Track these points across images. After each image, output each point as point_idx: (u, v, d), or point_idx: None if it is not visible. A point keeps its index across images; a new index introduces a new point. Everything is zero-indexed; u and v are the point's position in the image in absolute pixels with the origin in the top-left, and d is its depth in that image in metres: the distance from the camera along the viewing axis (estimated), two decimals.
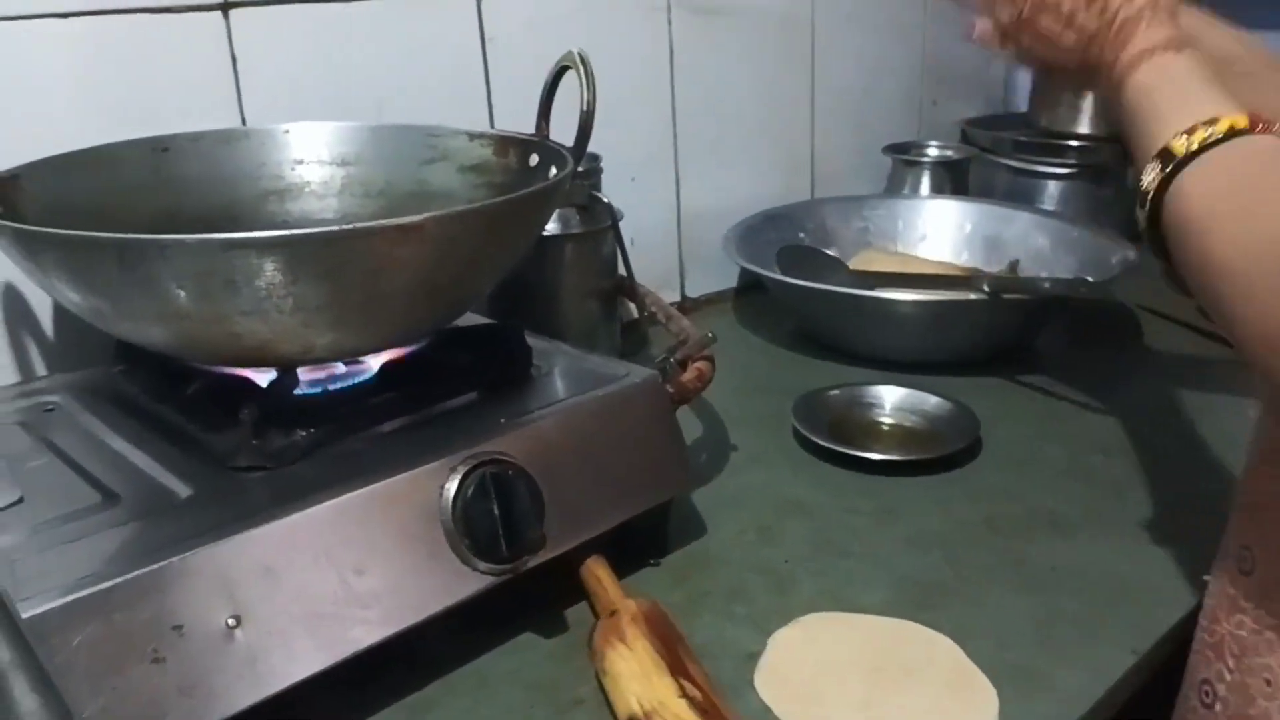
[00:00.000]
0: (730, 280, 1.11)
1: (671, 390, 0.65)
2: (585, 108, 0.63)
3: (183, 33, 0.71)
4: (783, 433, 0.79)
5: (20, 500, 0.50)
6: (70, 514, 0.49)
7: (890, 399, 0.82)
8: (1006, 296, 0.86)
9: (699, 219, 1.07)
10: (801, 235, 1.09)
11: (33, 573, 0.44)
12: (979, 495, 0.71)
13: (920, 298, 0.87)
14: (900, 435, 0.79)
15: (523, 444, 0.56)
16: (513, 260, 0.60)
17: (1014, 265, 1.02)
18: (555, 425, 0.58)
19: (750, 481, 0.73)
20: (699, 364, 0.69)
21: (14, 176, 0.60)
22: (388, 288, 0.52)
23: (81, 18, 0.67)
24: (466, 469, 0.53)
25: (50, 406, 0.62)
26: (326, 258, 0.49)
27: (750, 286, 1.10)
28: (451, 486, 0.53)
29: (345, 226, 0.48)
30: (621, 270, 0.86)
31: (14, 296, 0.67)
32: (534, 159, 0.69)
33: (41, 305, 0.69)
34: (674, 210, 1.06)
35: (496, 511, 0.52)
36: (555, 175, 0.64)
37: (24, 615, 0.41)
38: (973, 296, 0.86)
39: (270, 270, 0.48)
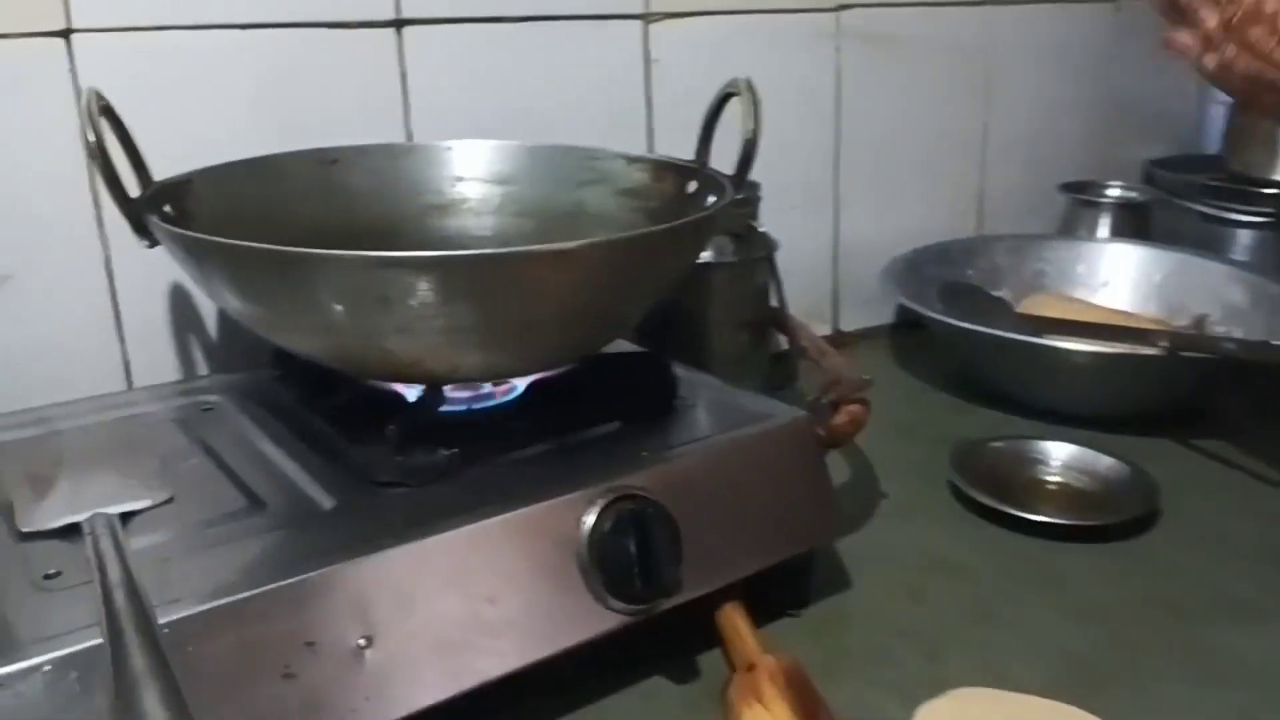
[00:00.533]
0: (887, 316, 1.07)
1: (822, 433, 0.62)
2: (748, 137, 0.61)
3: (356, 48, 0.73)
4: (937, 484, 0.75)
5: (171, 500, 0.51)
6: (216, 518, 0.50)
7: (1058, 456, 0.76)
8: (1186, 355, 0.79)
9: (857, 251, 1.03)
10: (970, 273, 1.03)
11: (177, 576, 0.45)
12: (1154, 570, 0.65)
13: (1090, 348, 0.81)
14: (1068, 497, 0.74)
15: (664, 480, 0.54)
16: (666, 289, 0.58)
17: (1201, 320, 0.94)
18: (698, 463, 0.56)
19: (900, 535, 0.69)
20: (852, 407, 0.66)
21: (186, 181, 0.62)
22: (539, 313, 0.51)
23: (260, 30, 0.69)
24: (605, 503, 0.51)
25: (208, 406, 0.63)
26: (480, 280, 0.48)
27: (908, 323, 1.05)
28: (589, 520, 0.51)
29: (500, 250, 0.47)
30: (774, 301, 0.84)
31: (181, 297, 0.70)
32: (692, 186, 0.67)
33: (207, 307, 0.71)
34: (831, 241, 1.02)
35: (633, 549, 0.50)
36: (713, 204, 0.62)
37: (165, 619, 0.41)
38: (1150, 352, 0.79)
39: (424, 289, 0.47)
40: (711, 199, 0.63)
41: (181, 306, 0.70)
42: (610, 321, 0.57)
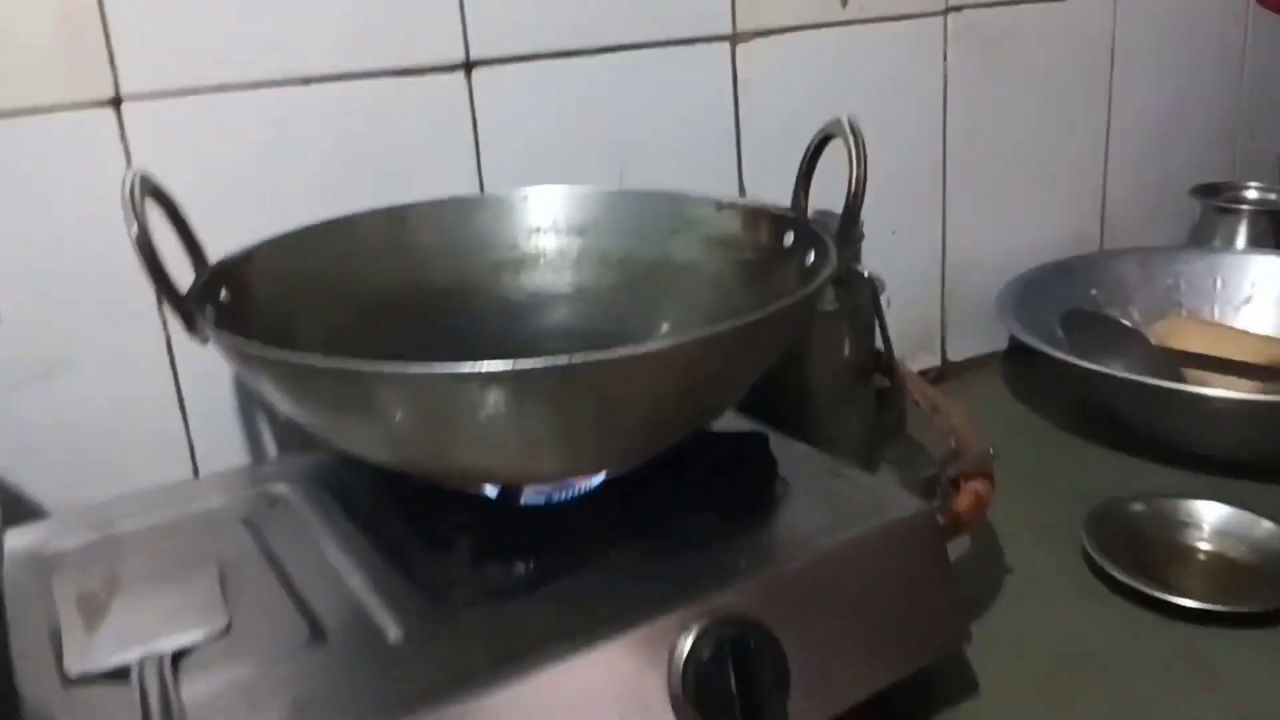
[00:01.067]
0: (1001, 342, 0.99)
1: (944, 521, 0.55)
2: (853, 188, 0.54)
3: (426, 95, 0.68)
4: (1069, 551, 0.67)
5: (228, 628, 0.47)
6: (274, 655, 0.46)
7: (1209, 518, 0.68)
8: None
9: (967, 272, 0.95)
10: (1094, 292, 0.95)
11: None
12: None
13: (1242, 396, 0.72)
14: (1222, 569, 0.65)
15: (767, 598, 0.48)
16: (764, 369, 0.52)
17: None
18: (805, 573, 0.50)
19: (1031, 619, 0.62)
20: (976, 484, 0.59)
21: (246, 257, 0.58)
22: (623, 415, 0.45)
23: (322, 84, 0.65)
24: (701, 628, 0.46)
25: (274, 500, 0.59)
26: (556, 390, 0.43)
27: (1026, 349, 0.97)
28: (684, 647, 0.45)
29: (578, 359, 0.41)
30: (879, 344, 0.76)
31: None
32: (789, 238, 0.60)
33: None
34: (938, 263, 0.94)
35: (734, 686, 0.45)
36: (815, 267, 0.55)
37: None
38: None
39: (494, 402, 0.42)
40: (812, 256, 0.57)
41: (245, 386, 0.66)
42: (705, 412, 0.51)
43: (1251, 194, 1.04)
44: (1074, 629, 0.61)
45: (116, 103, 0.59)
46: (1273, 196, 1.03)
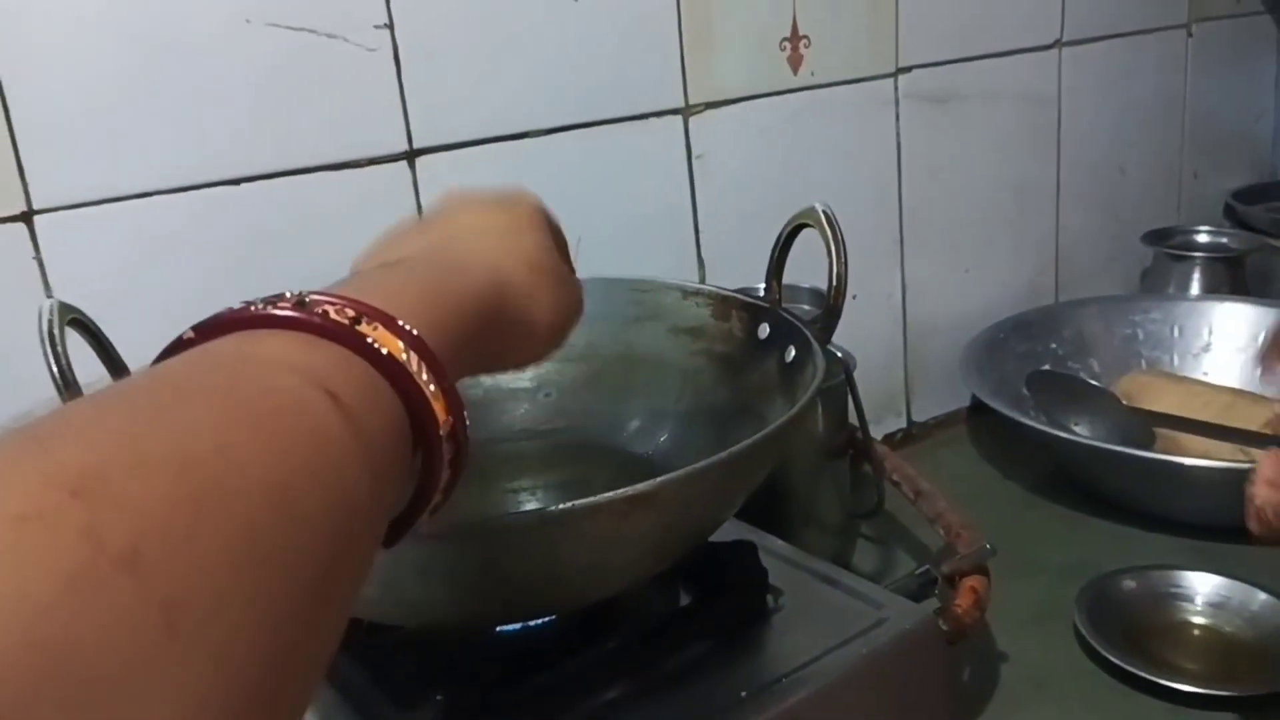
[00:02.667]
0: (964, 399, 0.97)
1: (945, 628, 0.52)
2: (835, 283, 0.52)
3: (365, 188, 0.64)
4: (1064, 636, 0.64)
5: None
6: None
7: (1203, 591, 0.66)
8: None
9: (929, 332, 0.93)
10: (1054, 346, 0.93)
11: None
12: None
13: (1219, 464, 0.70)
14: (1219, 646, 0.63)
15: None
16: (757, 485, 0.48)
17: None
18: (808, 699, 0.46)
19: (1033, 716, 0.59)
20: (972, 581, 0.56)
21: None
22: (610, 557, 0.42)
23: (256, 182, 0.60)
24: None
25: None
26: (536, 543, 0.39)
27: (988, 406, 0.95)
28: None
29: (561, 508, 0.37)
30: (853, 418, 0.74)
31: None
32: (764, 330, 0.57)
33: None
34: (900, 325, 0.92)
35: None
36: (799, 363, 0.52)
37: None
38: None
39: (467, 561, 0.38)
40: (793, 351, 0.54)
41: None
42: (698, 536, 0.48)
43: (1202, 238, 1.04)
44: None
45: (28, 216, 0.54)
46: (1224, 240, 1.03)
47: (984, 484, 0.85)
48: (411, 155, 0.65)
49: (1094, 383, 0.86)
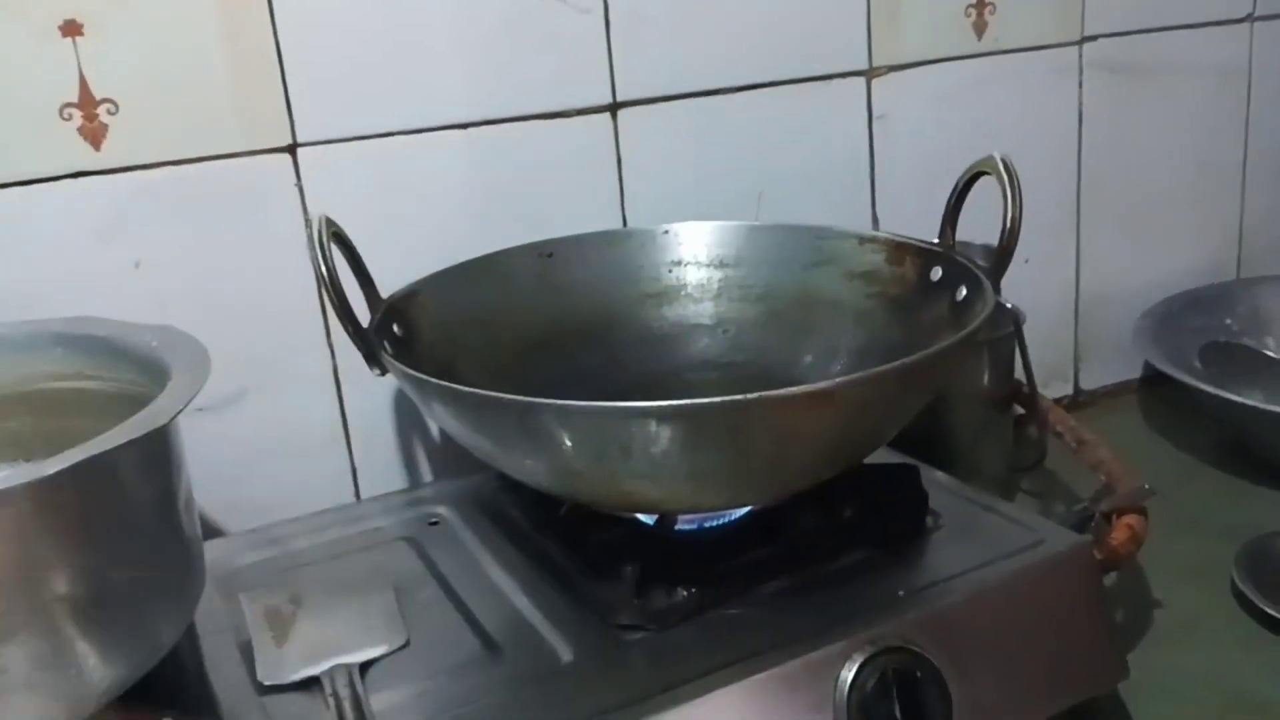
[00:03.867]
0: (1134, 370, 0.97)
1: (1100, 557, 0.55)
2: (1009, 225, 0.55)
3: (572, 136, 0.70)
4: (1221, 589, 0.66)
5: (407, 644, 0.50)
6: (454, 668, 0.48)
7: None
8: None
9: (1102, 302, 0.94)
10: (1229, 322, 0.93)
11: None
12: None
13: None
14: None
15: (925, 627, 0.48)
16: (923, 405, 0.52)
17: None
18: (962, 604, 0.50)
19: (1187, 661, 0.60)
20: (1129, 519, 0.58)
21: (412, 293, 0.61)
22: (789, 451, 0.47)
23: (478, 128, 0.68)
24: (864, 657, 0.46)
25: (435, 520, 0.62)
26: (728, 426, 0.44)
27: (1159, 379, 0.95)
28: (847, 676, 0.46)
29: (751, 396, 0.42)
30: (1019, 374, 0.76)
31: (405, 404, 0.69)
32: (937, 273, 0.61)
33: None
34: (1072, 293, 0.93)
35: (899, 715, 0.45)
36: (969, 302, 0.56)
37: None
38: None
39: (668, 438, 0.44)
40: (964, 291, 0.58)
41: (406, 414, 0.69)
42: (867, 446, 0.52)
43: None
44: (1235, 673, 0.59)
45: (293, 149, 0.63)
46: None
47: (1152, 451, 0.86)
48: (614, 108, 0.71)
49: (1269, 354, 0.86)
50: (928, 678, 0.46)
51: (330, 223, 0.54)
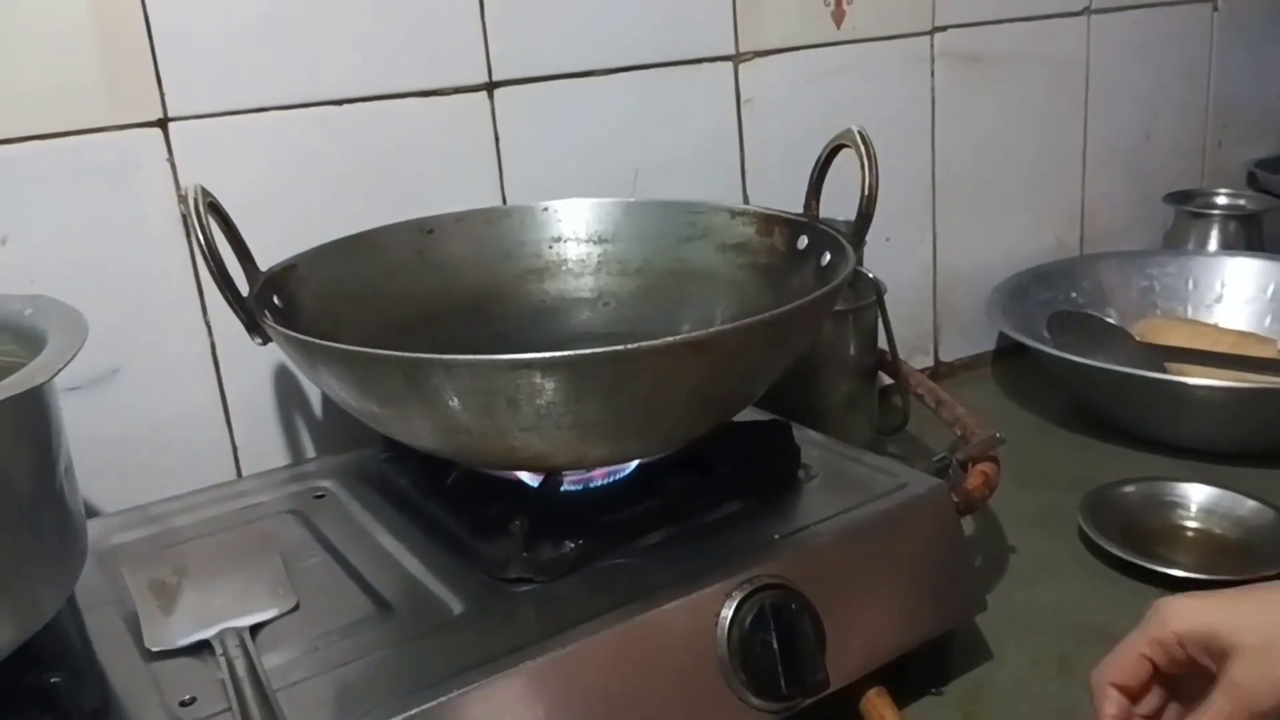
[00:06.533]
0: (989, 343, 1.03)
1: (956, 500, 0.59)
2: (867, 193, 0.59)
3: (449, 114, 0.71)
4: (1068, 534, 0.71)
5: (297, 607, 0.50)
6: (345, 627, 0.49)
7: (1196, 499, 0.72)
8: None
9: (957, 279, 1.00)
10: (1075, 295, 1.00)
11: (312, 701, 0.43)
12: None
13: (1224, 384, 0.77)
14: (1209, 544, 0.70)
15: (799, 566, 0.51)
16: (792, 361, 0.55)
17: None
18: (833, 544, 0.53)
19: (1038, 597, 0.65)
20: (983, 466, 0.63)
21: (291, 266, 0.61)
22: (668, 402, 0.49)
23: (355, 104, 0.68)
24: (742, 595, 0.49)
25: (320, 493, 0.62)
26: (610, 376, 0.46)
27: (1012, 350, 1.02)
28: (727, 614, 0.49)
29: (632, 346, 0.45)
30: (883, 344, 0.81)
31: (286, 379, 0.69)
32: (803, 241, 0.64)
33: (312, 389, 0.70)
34: (930, 270, 0.99)
35: (776, 646, 0.48)
36: (833, 265, 0.59)
37: None
38: None
39: (552, 389, 0.46)
40: (828, 256, 0.61)
41: (287, 390, 0.69)
42: (737, 401, 0.55)
43: (1221, 199, 1.09)
44: (1080, 606, 0.64)
45: (164, 123, 0.63)
46: (1241, 202, 1.09)
47: (1004, 414, 0.92)
48: (491, 87, 0.73)
49: (1110, 321, 0.92)
50: (801, 611, 0.49)
51: (206, 193, 0.54)
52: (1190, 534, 0.71)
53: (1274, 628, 0.43)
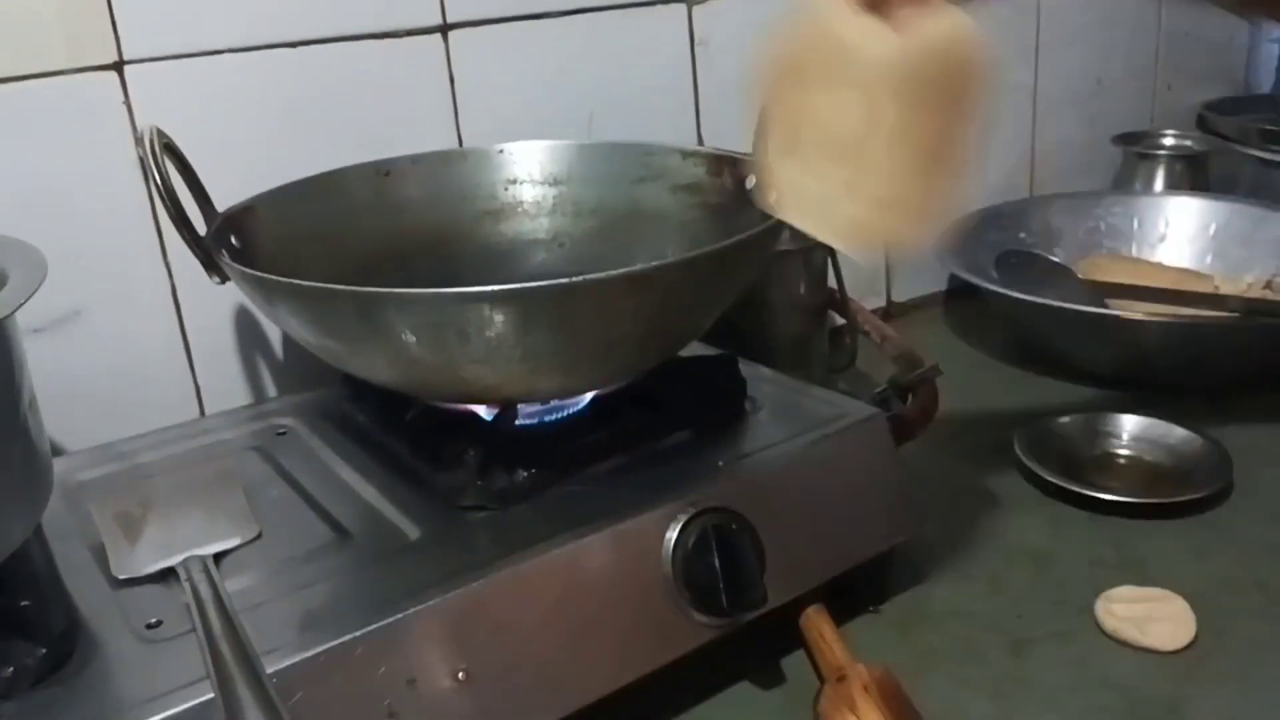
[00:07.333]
0: (940, 283, 1.06)
1: (894, 425, 0.61)
2: None
3: (404, 56, 0.72)
4: (1006, 465, 0.74)
5: (259, 536, 0.52)
6: (306, 554, 0.51)
7: (1128, 428, 0.75)
8: (1261, 319, 0.78)
9: None
10: (1023, 236, 1.02)
11: (274, 621, 0.45)
12: (1241, 548, 0.64)
13: (1161, 318, 0.80)
14: (1140, 471, 0.73)
15: (742, 491, 0.54)
16: (737, 295, 0.57)
17: (1272, 281, 0.92)
18: (775, 470, 0.56)
19: (973, 522, 0.68)
20: (921, 395, 0.65)
21: (249, 208, 0.62)
22: (615, 334, 0.51)
23: (308, 46, 0.69)
24: (686, 518, 0.51)
25: (282, 430, 0.64)
26: (557, 309, 0.48)
27: (963, 290, 1.04)
28: (672, 536, 0.51)
29: (576, 279, 0.46)
30: (832, 283, 0.83)
31: (247, 320, 0.70)
32: (751, 181, 0.66)
33: (273, 330, 0.71)
34: None
35: (718, 565, 0.50)
36: None
37: (270, 669, 0.42)
38: (1220, 316, 0.78)
39: (501, 321, 0.47)
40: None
41: (247, 330, 0.70)
42: (684, 334, 0.57)
43: (1168, 140, 1.12)
44: (1014, 529, 0.68)
45: (119, 66, 0.63)
46: (1188, 143, 1.11)
47: (953, 351, 0.95)
48: (445, 29, 0.73)
49: (1055, 260, 0.95)
50: (743, 533, 0.52)
51: (161, 134, 0.55)
52: (1122, 461, 0.74)
53: None
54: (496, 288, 0.46)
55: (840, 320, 0.84)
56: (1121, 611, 0.57)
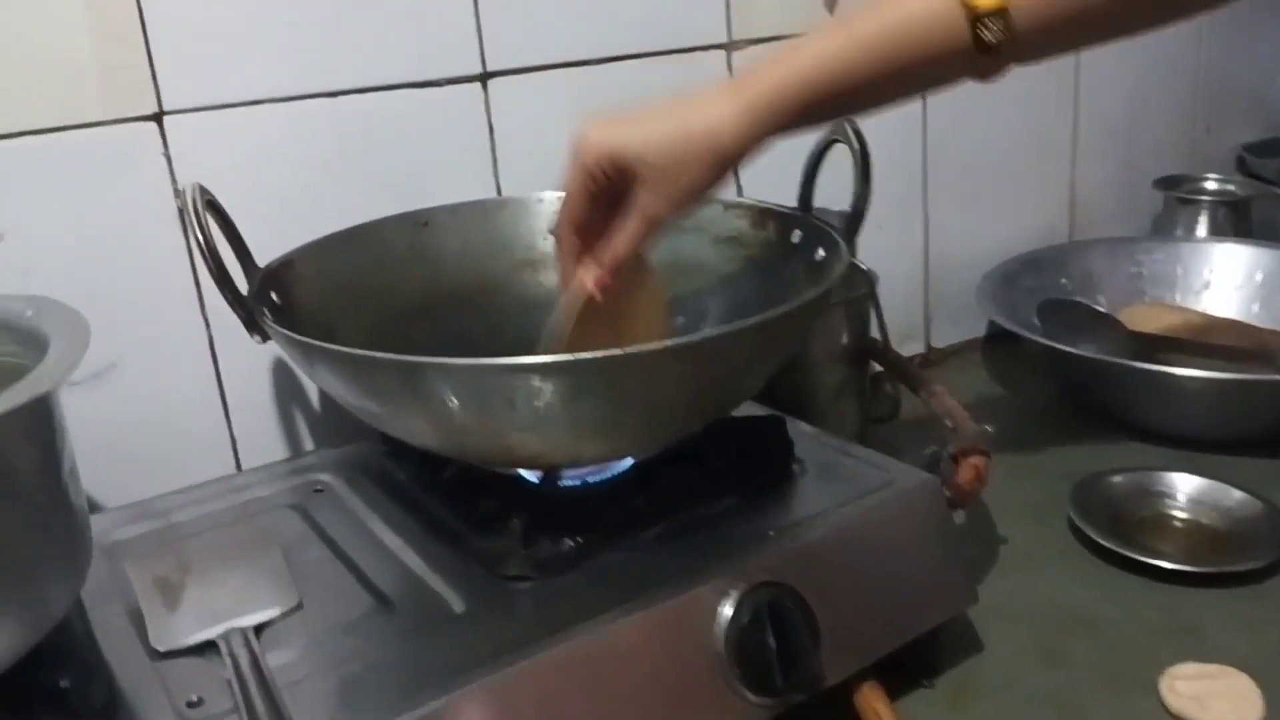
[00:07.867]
0: (979, 329, 1.04)
1: (948, 493, 0.60)
2: (859, 188, 0.59)
3: (443, 105, 0.71)
4: (1056, 523, 0.72)
5: (299, 606, 0.51)
6: (347, 625, 0.49)
7: (1184, 489, 0.73)
8: None
9: (948, 266, 1.00)
10: (1064, 282, 1.00)
11: (318, 699, 0.44)
12: None
13: (1211, 375, 0.78)
14: (1196, 535, 0.71)
15: (794, 562, 0.52)
16: (785, 357, 0.56)
17: None
18: (826, 539, 0.54)
19: (1025, 586, 0.66)
20: (975, 460, 0.64)
21: (288, 262, 0.62)
22: (663, 401, 0.50)
23: (349, 96, 0.68)
24: (739, 593, 0.50)
25: (319, 487, 0.63)
26: (605, 379, 0.47)
27: (1002, 335, 1.02)
28: (726, 612, 0.50)
29: (626, 350, 0.45)
30: (875, 333, 0.81)
31: (284, 373, 0.69)
32: (796, 235, 0.65)
33: (310, 383, 0.70)
34: (921, 257, 1.00)
35: (772, 643, 0.49)
36: (827, 262, 0.60)
37: None
38: (1274, 377, 0.76)
39: (549, 391, 0.46)
40: (821, 252, 0.61)
41: (284, 383, 0.69)
42: (734, 397, 0.56)
43: (1210, 185, 1.10)
44: (1066, 595, 0.66)
45: (159, 117, 0.63)
46: (1230, 187, 1.09)
47: (993, 401, 0.93)
48: (485, 77, 0.73)
49: (1099, 309, 0.93)
50: (799, 609, 0.50)
51: (204, 190, 0.55)
52: (1178, 524, 0.72)
53: (676, 145, 0.45)
54: (544, 360, 0.45)
55: (880, 369, 0.82)
56: (1185, 689, 0.55)
